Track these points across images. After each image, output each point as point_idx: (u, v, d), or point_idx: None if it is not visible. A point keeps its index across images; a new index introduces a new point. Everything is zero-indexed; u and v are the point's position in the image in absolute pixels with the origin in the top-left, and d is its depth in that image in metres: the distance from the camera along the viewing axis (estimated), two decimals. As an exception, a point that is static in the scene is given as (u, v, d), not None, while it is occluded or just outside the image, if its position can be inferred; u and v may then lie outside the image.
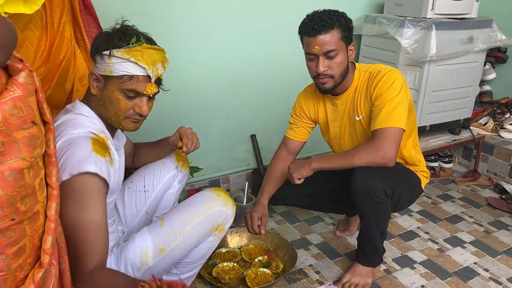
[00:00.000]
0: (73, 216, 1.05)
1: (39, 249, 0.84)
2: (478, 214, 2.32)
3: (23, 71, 0.78)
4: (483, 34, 2.45)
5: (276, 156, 1.84)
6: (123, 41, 1.16)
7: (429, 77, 2.37)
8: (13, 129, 0.74)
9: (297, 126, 1.81)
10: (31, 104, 0.78)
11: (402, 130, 1.52)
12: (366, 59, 2.61)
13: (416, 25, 2.26)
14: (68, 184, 1.04)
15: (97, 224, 1.08)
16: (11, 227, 0.76)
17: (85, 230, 1.06)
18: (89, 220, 1.06)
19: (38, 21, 1.39)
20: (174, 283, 0.96)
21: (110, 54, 1.14)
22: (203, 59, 2.22)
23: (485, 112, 2.96)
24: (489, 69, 2.91)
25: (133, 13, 1.95)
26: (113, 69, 1.15)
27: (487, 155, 2.75)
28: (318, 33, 1.48)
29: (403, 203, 1.68)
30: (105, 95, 1.19)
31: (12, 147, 0.74)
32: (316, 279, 1.77)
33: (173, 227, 1.28)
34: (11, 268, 0.78)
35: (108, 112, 1.21)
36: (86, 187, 1.06)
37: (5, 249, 0.76)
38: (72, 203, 1.05)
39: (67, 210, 1.04)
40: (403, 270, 1.84)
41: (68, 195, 1.04)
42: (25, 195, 0.77)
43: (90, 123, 1.18)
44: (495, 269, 1.85)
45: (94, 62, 1.19)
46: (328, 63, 1.52)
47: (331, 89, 1.60)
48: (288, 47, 2.22)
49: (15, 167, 0.74)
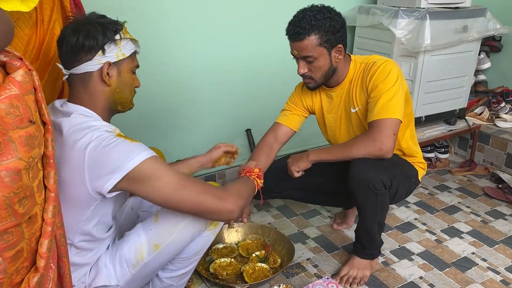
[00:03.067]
0: (168, 192, 1.11)
1: (36, 253, 0.82)
2: (475, 204, 2.32)
3: (21, 69, 0.76)
4: (477, 23, 2.44)
5: (261, 141, 1.78)
6: (117, 23, 1.18)
7: (424, 68, 2.36)
8: (9, 128, 0.72)
9: (291, 112, 1.79)
10: (29, 103, 0.76)
11: (399, 121, 1.51)
12: (361, 51, 2.59)
13: (410, 15, 2.24)
14: (136, 173, 1.07)
15: (184, 176, 1.17)
16: (8, 229, 0.74)
17: (186, 186, 1.13)
18: (180, 178, 1.13)
19: (27, 19, 1.37)
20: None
21: (121, 37, 1.17)
22: (196, 54, 2.20)
23: (480, 102, 2.95)
24: (484, 58, 2.90)
25: (122, 10, 1.93)
26: (125, 51, 1.18)
27: (483, 145, 2.75)
28: (294, 39, 1.51)
29: (400, 195, 1.67)
30: (122, 80, 1.20)
31: (8, 147, 0.72)
32: (314, 272, 1.77)
33: (167, 222, 1.27)
34: (8, 272, 0.76)
35: (125, 96, 1.23)
36: (149, 166, 1.09)
37: (3, 252, 0.74)
38: (157, 183, 1.10)
39: (158, 195, 1.11)
40: (401, 261, 1.83)
41: (145, 181, 1.09)
42: (23, 197, 0.75)
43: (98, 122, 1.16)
44: (493, 259, 1.85)
45: (103, 52, 1.14)
46: (308, 66, 1.55)
47: (315, 88, 1.65)
48: (282, 42, 2.20)
49: (12, 168, 0.72)
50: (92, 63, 1.14)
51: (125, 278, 1.26)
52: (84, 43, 1.12)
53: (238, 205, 1.20)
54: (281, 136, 1.77)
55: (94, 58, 1.14)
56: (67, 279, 0.93)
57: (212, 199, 1.16)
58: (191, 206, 1.15)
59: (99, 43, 1.13)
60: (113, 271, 1.25)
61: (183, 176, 1.17)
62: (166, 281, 1.40)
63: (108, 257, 1.26)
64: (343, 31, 1.54)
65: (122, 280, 1.26)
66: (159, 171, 1.10)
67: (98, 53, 1.14)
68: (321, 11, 1.49)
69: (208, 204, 1.16)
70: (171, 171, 1.13)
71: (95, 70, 1.15)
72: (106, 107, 1.20)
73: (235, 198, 1.21)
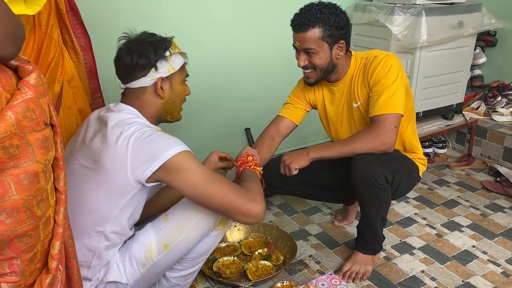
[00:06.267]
0: (199, 185, 1.16)
1: (48, 254, 0.83)
2: (474, 197, 2.34)
3: (34, 73, 0.76)
4: (473, 18, 2.46)
5: (263, 133, 1.79)
6: (165, 41, 1.28)
7: (420, 64, 2.38)
8: (27, 131, 0.73)
9: (293, 106, 1.80)
10: (43, 106, 0.77)
11: (401, 115, 1.53)
12: (358, 48, 2.60)
13: (406, 11, 2.25)
14: (172, 164, 1.14)
15: (214, 173, 1.23)
16: (28, 232, 0.75)
17: (216, 182, 1.18)
18: (210, 174, 1.19)
19: (25, 23, 1.37)
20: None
21: (170, 53, 1.26)
22: (194, 53, 2.18)
23: (476, 96, 2.98)
24: (480, 53, 2.92)
25: (120, 10, 1.93)
26: (175, 65, 1.28)
27: (480, 139, 2.77)
28: (298, 29, 1.52)
29: (401, 190, 1.69)
30: (174, 92, 1.31)
31: (26, 150, 0.73)
32: (316, 269, 1.78)
33: (176, 222, 1.29)
34: (25, 274, 0.77)
35: (175, 106, 1.34)
36: (183, 159, 1.16)
37: (21, 254, 0.75)
38: (189, 175, 1.15)
39: (190, 187, 1.16)
40: (403, 256, 1.85)
41: (179, 172, 1.15)
42: (40, 200, 0.76)
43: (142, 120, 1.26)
44: (493, 251, 1.87)
45: (155, 69, 1.25)
46: (308, 59, 1.57)
47: (314, 84, 1.66)
48: (281, 40, 2.22)
49: (30, 171, 0.73)
50: (147, 79, 1.25)
51: (135, 277, 1.27)
52: (138, 62, 1.23)
53: (264, 208, 1.23)
54: (283, 128, 1.78)
55: (148, 75, 1.25)
56: (76, 280, 0.94)
57: (241, 199, 1.19)
58: (220, 202, 1.18)
59: (151, 61, 1.24)
60: (123, 269, 1.26)
61: (214, 173, 1.23)
62: (173, 281, 1.41)
63: (119, 256, 1.27)
64: (346, 28, 1.56)
65: (132, 279, 1.27)
66: (192, 164, 1.16)
67: (151, 70, 1.25)
68: (328, 6, 1.52)
69: (237, 202, 1.19)
70: (203, 168, 1.19)
71: (149, 85, 1.26)
72: (155, 115, 1.31)
73: (261, 200, 1.23)
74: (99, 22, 1.87)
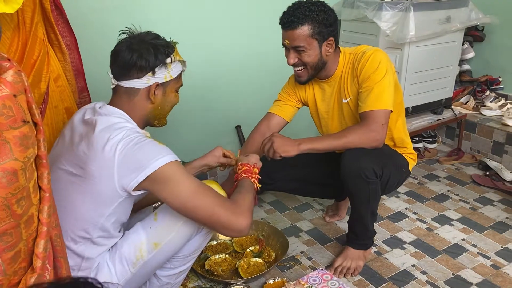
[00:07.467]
0: (184, 198, 1.14)
1: (33, 253, 0.82)
2: (464, 191, 2.36)
3: (11, 70, 0.75)
4: (460, 13, 2.48)
5: (254, 130, 1.79)
6: (169, 46, 1.24)
7: (409, 59, 2.39)
8: (3, 128, 0.72)
9: (284, 103, 1.80)
10: (21, 103, 0.76)
11: (390, 111, 1.55)
12: (346, 44, 2.60)
13: (394, 7, 2.26)
14: (159, 174, 1.11)
15: (202, 184, 1.19)
16: (8, 231, 0.74)
17: (203, 194, 1.16)
18: (198, 186, 1.16)
19: (9, 21, 1.35)
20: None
21: (171, 60, 1.23)
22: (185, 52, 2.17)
23: (465, 91, 3.00)
24: (468, 48, 2.94)
25: (106, 9, 1.91)
26: (173, 73, 1.26)
27: (469, 133, 2.79)
28: (287, 27, 1.52)
29: (391, 185, 1.69)
30: (165, 99, 1.28)
31: (3, 148, 0.72)
32: (308, 265, 1.78)
33: (166, 221, 1.28)
34: (7, 273, 0.76)
35: (164, 112, 1.31)
36: (171, 170, 1.13)
37: (2, 253, 0.74)
38: (176, 187, 1.13)
39: (176, 199, 1.14)
40: (394, 251, 1.86)
41: (165, 184, 1.12)
42: (20, 198, 0.75)
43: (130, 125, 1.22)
44: (482, 244, 1.88)
45: (152, 74, 1.21)
46: (298, 57, 1.57)
47: (305, 82, 1.66)
48: (271, 39, 2.21)
49: (8, 168, 0.72)
50: (141, 81, 1.22)
51: (126, 277, 1.27)
52: (136, 62, 1.19)
53: (249, 223, 1.20)
54: (274, 125, 1.78)
55: (143, 77, 1.21)
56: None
57: (226, 212, 1.17)
58: (203, 215, 1.17)
59: (150, 64, 1.20)
60: (113, 270, 1.25)
61: (202, 184, 1.19)
62: (164, 279, 1.40)
63: (109, 256, 1.26)
64: (335, 25, 1.57)
65: (123, 279, 1.27)
66: (179, 176, 1.14)
67: (148, 74, 1.21)
68: (316, 4, 1.53)
69: (221, 216, 1.17)
70: (191, 178, 1.16)
71: (142, 87, 1.23)
72: (143, 119, 1.28)
73: (247, 215, 1.21)
74: (85, 21, 1.85)
